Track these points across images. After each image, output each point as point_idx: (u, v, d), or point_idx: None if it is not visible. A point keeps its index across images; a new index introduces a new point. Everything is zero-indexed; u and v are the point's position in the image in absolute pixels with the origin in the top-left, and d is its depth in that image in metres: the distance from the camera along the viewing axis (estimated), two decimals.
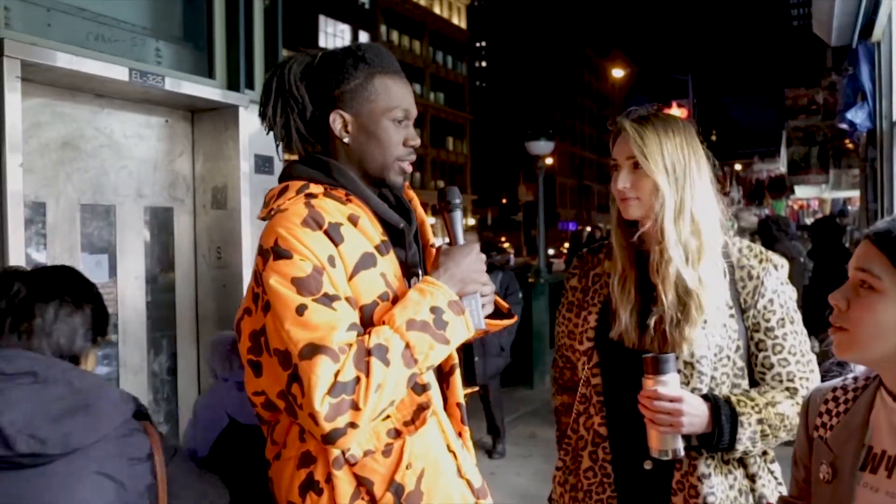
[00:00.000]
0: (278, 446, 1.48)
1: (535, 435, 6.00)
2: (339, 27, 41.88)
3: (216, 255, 2.77)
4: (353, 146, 1.51)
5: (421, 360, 1.37)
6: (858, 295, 1.16)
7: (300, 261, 1.35)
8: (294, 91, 1.50)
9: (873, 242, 1.16)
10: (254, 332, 1.43)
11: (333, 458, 1.39)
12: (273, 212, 1.45)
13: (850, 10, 7.54)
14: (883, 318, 1.13)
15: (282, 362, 1.33)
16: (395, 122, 1.51)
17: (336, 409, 1.27)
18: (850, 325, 1.16)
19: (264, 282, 1.37)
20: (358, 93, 1.49)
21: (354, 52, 1.52)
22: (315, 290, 1.34)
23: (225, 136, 2.75)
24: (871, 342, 1.15)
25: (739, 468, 1.66)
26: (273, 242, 1.37)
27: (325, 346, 1.29)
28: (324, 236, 1.39)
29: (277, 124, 1.52)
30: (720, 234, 1.68)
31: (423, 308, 1.39)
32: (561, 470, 1.83)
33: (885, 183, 6.97)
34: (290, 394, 1.31)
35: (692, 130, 1.71)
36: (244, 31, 2.79)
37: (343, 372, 1.29)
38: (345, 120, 1.50)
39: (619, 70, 40.48)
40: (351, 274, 1.40)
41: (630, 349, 1.68)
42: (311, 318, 1.32)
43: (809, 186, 14.03)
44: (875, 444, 1.20)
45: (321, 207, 1.42)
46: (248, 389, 1.49)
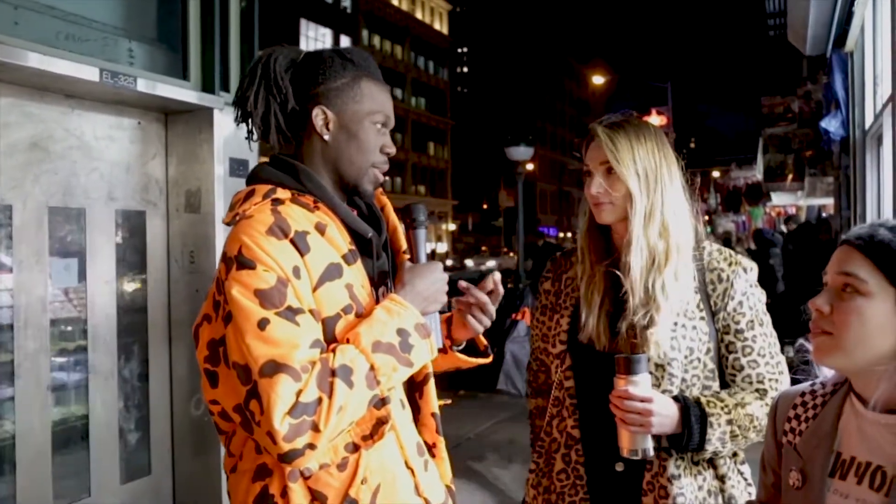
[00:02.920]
0: (235, 458, 1.44)
1: (514, 441, 5.98)
2: (320, 31, 41.79)
3: (189, 259, 2.74)
4: (332, 144, 1.49)
5: (384, 381, 1.34)
6: (842, 299, 1.16)
7: (264, 272, 1.31)
8: (279, 80, 1.47)
9: (856, 247, 1.16)
10: (212, 341, 1.39)
11: (289, 472, 1.35)
12: (238, 217, 1.41)
13: (824, 21, 7.66)
14: (869, 322, 1.13)
15: (241, 377, 1.28)
16: (376, 126, 1.50)
17: (296, 429, 1.24)
18: (835, 329, 1.16)
19: (226, 291, 1.32)
20: (343, 92, 1.47)
21: (343, 54, 1.51)
22: (278, 302, 1.30)
23: (199, 138, 2.72)
24: (856, 347, 1.15)
25: (709, 469, 1.67)
26: (237, 251, 1.33)
27: (287, 364, 1.26)
28: (290, 245, 1.35)
29: (257, 112, 1.48)
30: (690, 238, 1.70)
31: (390, 329, 1.36)
32: (534, 472, 1.83)
33: (857, 190, 7.07)
34: (248, 410, 1.27)
35: (663, 136, 1.73)
36: (219, 33, 2.76)
37: (305, 392, 1.25)
38: (327, 117, 1.47)
39: (599, 77, 40.69)
40: (315, 285, 1.36)
41: (601, 352, 1.68)
42: (272, 333, 1.28)
43: (785, 193, 14.20)
44: (844, 449, 1.20)
45: (287, 214, 1.39)
46: (205, 397, 1.46)
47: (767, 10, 13.53)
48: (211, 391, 1.42)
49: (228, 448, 1.46)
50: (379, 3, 48.02)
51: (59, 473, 2.44)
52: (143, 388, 2.73)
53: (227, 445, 1.46)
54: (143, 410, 2.74)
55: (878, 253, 1.13)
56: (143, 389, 2.73)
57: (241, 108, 1.51)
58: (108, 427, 2.60)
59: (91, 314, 2.55)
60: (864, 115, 7.02)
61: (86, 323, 2.54)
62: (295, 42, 36.05)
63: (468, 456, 5.64)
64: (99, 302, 2.57)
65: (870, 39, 6.59)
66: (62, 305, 2.50)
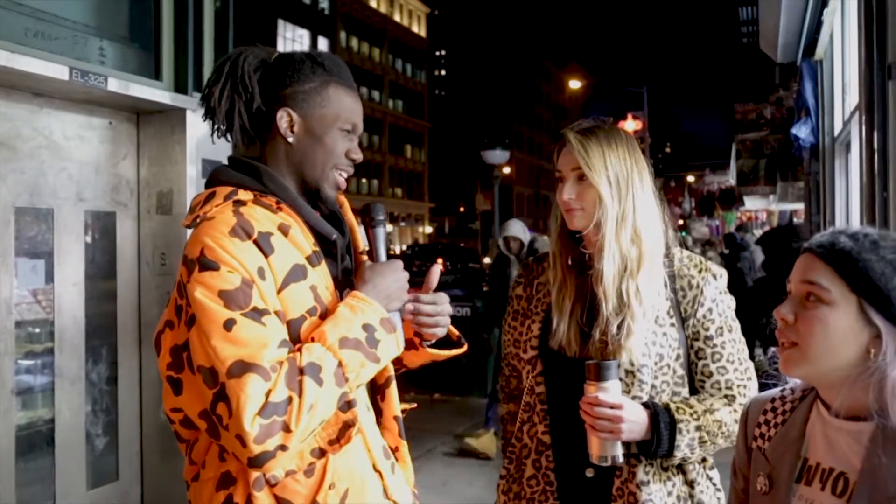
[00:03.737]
0: (197, 467, 1.41)
1: None
2: (297, 32, 41.61)
3: (160, 261, 2.71)
4: (296, 147, 1.47)
5: (352, 378, 1.33)
6: (806, 308, 1.16)
7: (228, 272, 1.29)
8: (245, 79, 1.46)
9: (818, 255, 1.17)
10: (175, 347, 1.36)
11: (254, 479, 1.33)
12: (199, 219, 1.38)
13: (794, 29, 7.77)
14: (833, 330, 1.13)
15: (207, 380, 1.25)
16: (343, 132, 1.49)
17: (267, 430, 1.22)
18: (801, 339, 1.16)
19: (189, 294, 1.30)
20: (311, 96, 1.46)
21: (314, 57, 1.49)
22: (244, 303, 1.28)
23: (171, 139, 2.69)
24: (822, 356, 1.15)
25: (678, 475, 1.68)
26: (199, 253, 1.30)
27: (256, 363, 1.24)
28: (253, 246, 1.33)
29: (220, 109, 1.47)
30: (661, 245, 1.71)
31: (356, 325, 1.35)
32: (505, 478, 1.83)
33: (827, 196, 7.18)
34: (216, 414, 1.25)
35: (635, 143, 1.73)
36: (193, 33, 2.73)
37: (275, 392, 1.23)
38: (292, 119, 1.46)
39: (576, 81, 40.98)
40: (280, 287, 1.35)
41: (572, 358, 1.69)
42: (239, 333, 1.26)
43: (758, 198, 14.38)
44: (811, 456, 1.21)
45: (250, 216, 1.37)
46: (166, 405, 1.43)
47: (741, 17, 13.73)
48: (174, 399, 1.39)
49: (190, 456, 1.43)
50: (357, 5, 47.93)
51: (23, 479, 2.40)
52: (112, 392, 2.69)
53: (189, 454, 1.43)
54: (112, 414, 2.70)
55: (840, 261, 1.14)
56: (112, 393, 2.69)
57: (206, 104, 1.49)
58: (74, 432, 2.56)
59: (58, 316, 2.51)
60: (832, 123, 7.13)
61: (53, 325, 2.50)
62: (272, 43, 35.85)
63: (441, 460, 5.63)
64: (67, 304, 2.53)
65: (838, 48, 6.70)
66: (28, 307, 2.45)
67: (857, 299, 1.12)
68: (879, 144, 3.45)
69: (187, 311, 1.31)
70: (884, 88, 3.40)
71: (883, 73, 3.41)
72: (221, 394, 1.23)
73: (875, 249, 1.13)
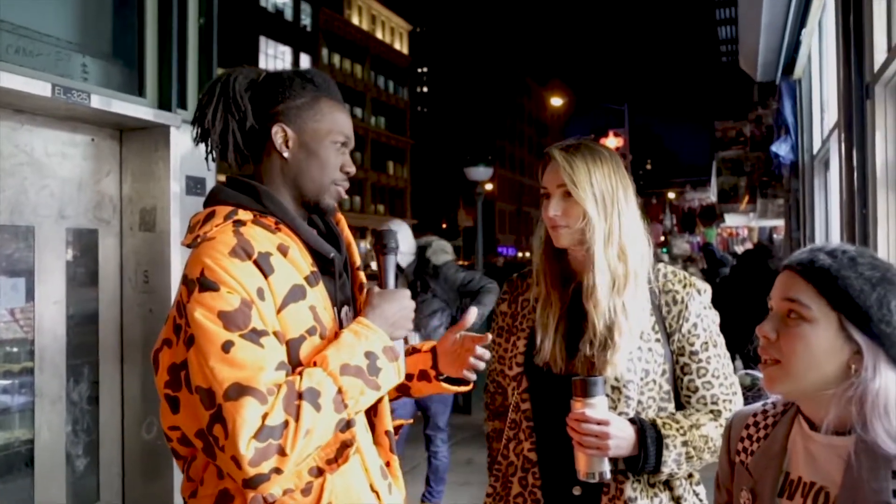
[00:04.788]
0: (195, 483, 1.41)
1: (473, 461, 5.96)
2: (279, 49, 41.63)
3: (143, 278, 2.68)
4: (291, 163, 1.48)
5: (351, 405, 1.33)
6: (788, 325, 1.17)
7: (227, 293, 1.29)
8: (238, 98, 1.47)
9: (798, 273, 1.18)
10: (173, 366, 1.37)
11: (251, 498, 1.32)
12: (199, 239, 1.39)
13: (774, 48, 7.89)
14: (815, 347, 1.14)
15: (204, 401, 1.26)
16: (336, 145, 1.50)
17: (262, 453, 1.22)
18: (783, 357, 1.17)
19: (188, 314, 1.30)
20: (303, 111, 1.48)
21: (303, 74, 1.51)
22: (243, 324, 1.28)
23: (155, 156, 2.67)
24: (804, 373, 1.16)
25: (665, 491, 1.68)
26: (199, 273, 1.31)
27: (253, 387, 1.24)
28: (253, 266, 1.34)
29: (215, 130, 1.48)
30: (646, 261, 1.72)
31: (358, 352, 1.36)
32: (491, 497, 1.82)
33: (807, 213, 7.27)
34: (212, 435, 1.25)
35: (619, 160, 1.75)
36: (177, 50, 2.72)
37: (271, 415, 1.24)
38: (287, 135, 1.47)
39: (558, 98, 41.33)
40: (280, 307, 1.35)
41: (558, 375, 1.69)
42: (237, 355, 1.26)
43: (738, 215, 14.55)
44: (792, 470, 1.22)
45: (250, 236, 1.38)
46: (164, 423, 1.43)
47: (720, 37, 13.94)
48: (171, 417, 1.40)
49: (188, 473, 1.43)
50: (339, 23, 48.08)
51: (1, 502, 2.35)
52: (93, 412, 2.65)
53: (187, 471, 1.43)
54: (93, 434, 2.66)
55: (819, 278, 1.15)
56: (93, 413, 2.65)
57: (200, 127, 1.50)
58: (54, 452, 2.51)
59: (39, 335, 2.47)
60: (811, 141, 7.23)
61: (33, 344, 2.46)
62: (254, 59, 35.91)
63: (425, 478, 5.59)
64: (47, 322, 2.50)
65: (816, 68, 6.81)
66: (7, 326, 2.42)
67: (837, 316, 1.13)
68: (858, 162, 3.50)
69: (186, 331, 1.31)
70: (862, 107, 3.45)
71: (861, 93, 3.47)
72: (218, 415, 1.24)
73: (853, 266, 1.14)
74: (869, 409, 1.10)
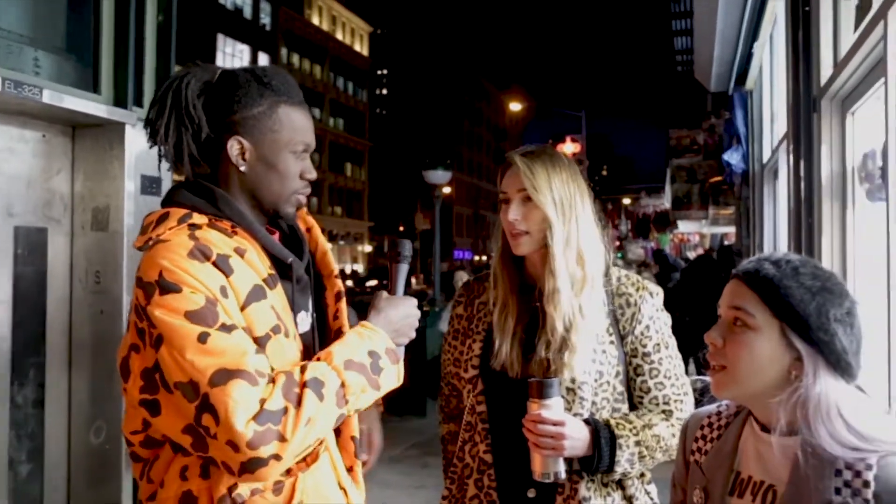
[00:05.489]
0: (154, 485, 1.38)
1: (428, 465, 5.96)
2: (237, 47, 41.10)
3: (94, 279, 2.62)
4: (248, 175, 1.44)
5: (352, 401, 1.33)
6: (733, 332, 1.21)
7: (191, 293, 1.27)
8: (190, 110, 1.41)
9: (744, 281, 1.21)
10: (146, 370, 1.32)
11: (218, 498, 1.31)
12: (152, 241, 1.36)
13: (727, 60, 8.09)
14: (759, 354, 1.18)
15: (187, 394, 1.23)
16: (295, 154, 1.46)
17: (262, 436, 1.21)
18: (728, 363, 1.21)
19: (151, 317, 1.27)
20: (260, 121, 1.42)
21: (260, 77, 1.44)
22: (211, 321, 1.26)
23: (109, 154, 2.61)
24: (749, 379, 1.20)
25: (618, 490, 1.71)
26: (157, 275, 1.28)
27: (240, 369, 1.23)
28: (213, 267, 1.31)
29: (168, 143, 1.43)
30: (602, 265, 1.75)
31: (362, 350, 1.37)
32: (447, 499, 1.84)
33: (756, 220, 7.45)
34: (201, 426, 1.23)
35: (576, 167, 1.79)
36: (135, 46, 2.67)
37: (270, 401, 1.23)
38: (243, 147, 1.43)
39: (516, 104, 41.61)
40: (243, 304, 1.33)
41: (514, 379, 1.71)
42: (215, 344, 1.24)
43: (691, 221, 14.86)
44: (743, 469, 1.26)
45: (206, 239, 1.35)
46: (126, 429, 1.40)
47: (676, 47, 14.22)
48: (133, 422, 1.37)
49: (147, 475, 1.40)
50: (299, 23, 47.69)
51: None
52: (38, 416, 2.58)
53: (147, 473, 1.40)
54: (37, 439, 2.58)
55: (763, 287, 1.19)
56: (38, 417, 2.58)
57: (152, 138, 1.45)
58: None
59: None
60: (762, 150, 7.42)
61: None
62: (211, 57, 35.34)
63: (380, 481, 5.57)
64: None
65: (767, 79, 6.99)
66: None
67: (779, 324, 1.17)
68: (805, 173, 3.60)
69: (152, 333, 1.28)
70: (809, 120, 3.56)
71: (809, 106, 3.57)
72: (205, 404, 1.22)
73: (795, 276, 1.17)
74: (811, 413, 1.14)
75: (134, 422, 1.38)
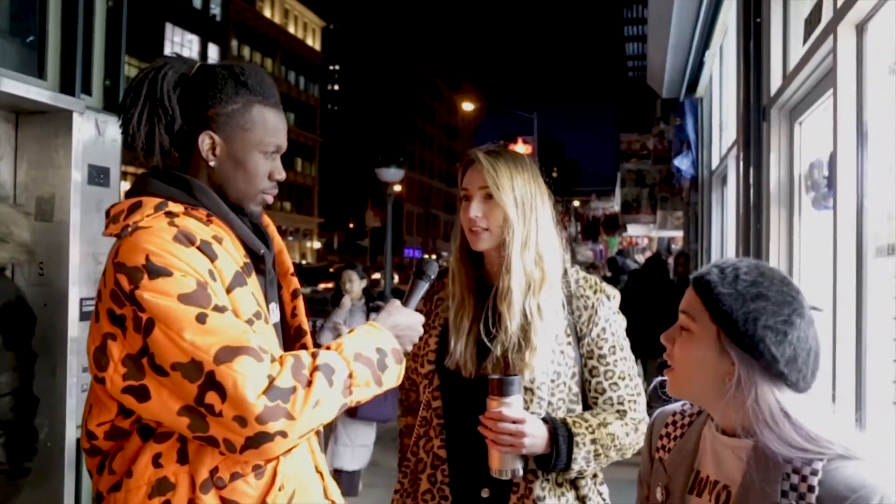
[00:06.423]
0: (117, 476, 1.36)
1: (378, 463, 5.92)
2: (186, 37, 40.25)
3: (38, 271, 2.52)
4: (217, 170, 1.45)
5: (356, 393, 1.35)
6: (680, 335, 1.24)
7: (182, 277, 1.27)
8: (165, 101, 1.41)
9: (692, 285, 1.24)
10: (129, 357, 1.30)
11: (201, 482, 1.31)
12: (130, 228, 1.35)
13: (679, 68, 8.26)
14: (696, 358, 1.21)
15: (189, 374, 1.23)
16: (265, 154, 1.47)
17: (272, 412, 1.22)
18: (675, 364, 1.25)
19: (140, 300, 1.26)
20: (234, 118, 1.43)
21: (237, 75, 1.44)
22: (206, 303, 1.27)
23: (55, 142, 2.51)
24: (691, 381, 1.24)
25: (571, 490, 1.73)
26: (144, 259, 1.27)
27: (244, 346, 1.24)
28: (198, 252, 1.32)
29: (140, 133, 1.42)
30: (560, 266, 1.77)
31: (370, 345, 1.40)
32: (399, 493, 1.84)
33: (704, 225, 7.62)
34: (204, 404, 1.22)
35: (536, 168, 1.80)
36: (83, 31, 2.58)
37: (279, 378, 1.25)
38: (214, 143, 1.43)
39: (468, 104, 41.74)
40: (228, 289, 1.34)
41: (467, 378, 1.72)
42: (214, 323, 1.25)
43: (640, 225, 15.14)
44: (702, 468, 1.28)
45: (186, 226, 1.35)
46: (92, 421, 1.37)
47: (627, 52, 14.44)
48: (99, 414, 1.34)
49: (109, 467, 1.37)
50: (250, 14, 46.98)
51: None
52: None
53: (108, 465, 1.38)
54: None
55: (703, 292, 1.21)
56: None
57: (125, 127, 1.44)
58: None
59: None
60: (711, 157, 7.60)
61: None
62: (159, 47, 34.54)
63: None
64: None
65: (717, 88, 7.16)
66: None
67: (716, 329, 1.19)
68: (755, 179, 3.70)
69: (139, 317, 1.26)
70: (759, 128, 3.65)
71: (759, 115, 3.66)
72: (210, 382, 1.22)
73: (734, 282, 1.19)
74: (751, 417, 1.16)
75: (103, 413, 1.36)
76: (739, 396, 1.16)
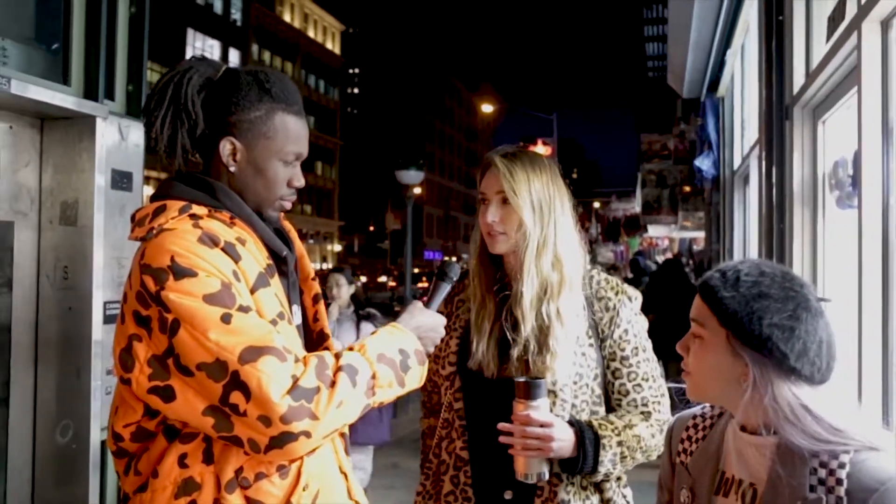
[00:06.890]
0: (143, 477, 1.38)
1: (398, 465, 5.94)
2: (207, 42, 40.64)
3: (62, 274, 2.55)
4: (237, 175, 1.47)
5: (378, 394, 1.36)
6: (693, 343, 1.25)
7: (207, 277, 1.29)
8: (189, 105, 1.43)
9: (699, 292, 1.25)
10: (155, 357, 1.31)
11: (226, 482, 1.32)
12: (155, 231, 1.36)
13: (700, 67, 8.20)
14: (711, 363, 1.22)
15: (214, 374, 1.24)
16: (285, 162, 1.48)
17: (296, 411, 1.23)
18: (691, 370, 1.26)
19: (165, 301, 1.27)
20: (256, 125, 1.45)
21: (262, 82, 1.46)
22: (230, 303, 1.28)
23: (79, 147, 2.55)
24: (708, 386, 1.25)
25: (596, 493, 1.72)
26: (170, 261, 1.29)
27: (269, 346, 1.25)
28: (222, 253, 1.34)
29: (163, 135, 1.45)
30: (580, 268, 1.76)
31: (393, 346, 1.41)
32: (422, 495, 1.84)
33: (726, 225, 7.55)
34: (229, 404, 1.24)
35: (556, 169, 1.79)
36: (106, 38, 2.61)
37: (303, 378, 1.26)
38: (235, 149, 1.45)
39: (488, 105, 41.64)
40: (252, 289, 1.36)
41: (489, 379, 1.72)
42: (239, 324, 1.26)
43: (660, 226, 15.02)
44: (727, 469, 1.28)
45: (210, 228, 1.37)
46: (118, 423, 1.39)
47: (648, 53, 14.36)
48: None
49: (135, 468, 1.39)
50: (270, 19, 47.31)
51: None
52: (2, 414, 2.51)
53: (134, 466, 1.40)
54: (1, 439, 2.51)
55: (709, 297, 1.22)
56: (2, 415, 2.51)
57: (148, 129, 1.47)
58: None
59: None
60: (733, 156, 7.52)
61: None
62: (181, 52, 34.89)
63: None
64: None
65: (739, 87, 7.09)
66: None
67: (725, 333, 1.19)
68: (777, 179, 3.66)
69: (165, 318, 1.28)
70: (782, 127, 3.61)
71: (781, 114, 3.62)
72: (235, 381, 1.23)
73: (736, 285, 1.20)
74: (771, 415, 1.16)
75: (129, 415, 1.37)
76: (757, 395, 1.17)
